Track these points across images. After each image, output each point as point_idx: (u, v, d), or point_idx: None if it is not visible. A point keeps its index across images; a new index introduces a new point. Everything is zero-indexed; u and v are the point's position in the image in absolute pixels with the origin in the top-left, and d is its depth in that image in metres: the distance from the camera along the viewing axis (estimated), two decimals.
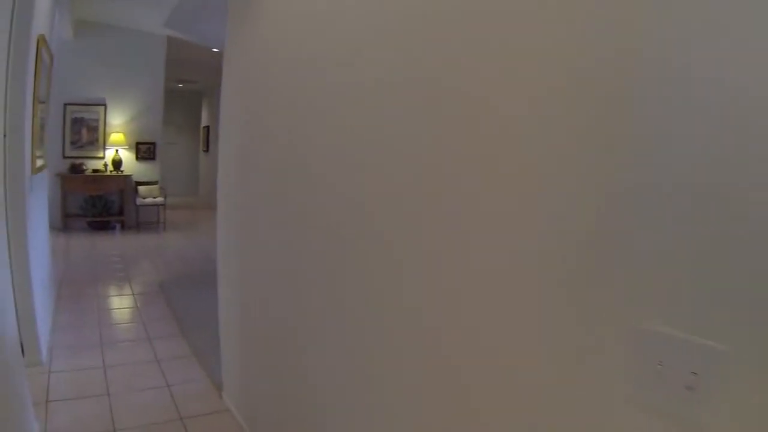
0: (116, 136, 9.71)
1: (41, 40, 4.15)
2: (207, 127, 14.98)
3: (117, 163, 9.71)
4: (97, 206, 9.54)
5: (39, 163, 4.46)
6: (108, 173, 9.63)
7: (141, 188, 9.87)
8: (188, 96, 15.96)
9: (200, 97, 15.85)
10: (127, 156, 9.98)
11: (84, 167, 9.47)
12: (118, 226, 9.96)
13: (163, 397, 3.52)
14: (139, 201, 9.72)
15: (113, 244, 8.73)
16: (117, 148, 9.77)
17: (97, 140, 9.72)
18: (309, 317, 2.23)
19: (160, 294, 5.80)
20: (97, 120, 9.66)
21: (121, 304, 5.52)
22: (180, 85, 14.75)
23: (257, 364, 2.90)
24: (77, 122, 9.53)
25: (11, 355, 2.45)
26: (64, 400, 3.40)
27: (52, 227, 9.35)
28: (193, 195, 15.87)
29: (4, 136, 3.50)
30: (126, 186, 9.78)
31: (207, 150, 14.92)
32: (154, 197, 9.88)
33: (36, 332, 3.86)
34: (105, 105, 9.72)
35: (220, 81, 3.76)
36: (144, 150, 10.19)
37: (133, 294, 5.81)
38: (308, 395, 2.28)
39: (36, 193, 4.34)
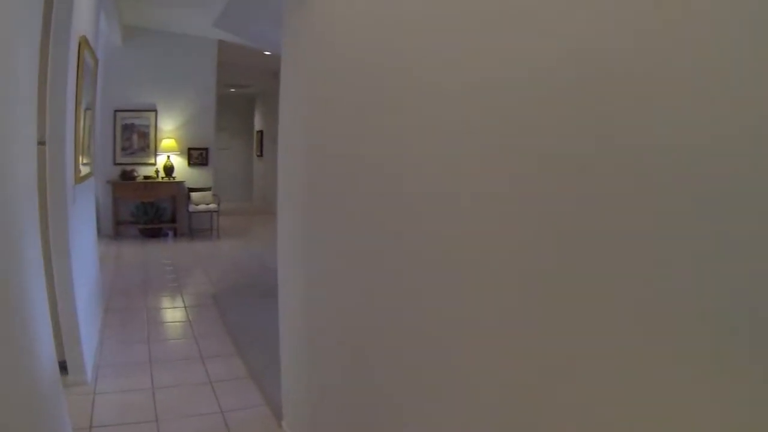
0: (168, 142, 9.63)
1: (83, 42, 3.94)
2: (261, 132, 14.85)
3: (169, 170, 9.62)
4: (149, 213, 9.46)
5: (85, 171, 4.26)
6: (160, 180, 9.56)
7: (194, 194, 9.76)
8: (241, 100, 15.98)
9: (253, 101, 15.78)
10: (179, 162, 9.90)
11: (135, 174, 9.42)
12: (170, 233, 9.88)
13: (217, 424, 3.25)
14: (191, 208, 9.60)
15: (165, 251, 8.62)
16: (168, 154, 9.68)
17: (148, 146, 9.66)
18: (393, 338, 1.90)
19: (213, 306, 5.57)
20: (147, 126, 9.60)
21: (172, 317, 5.31)
22: (232, 90, 14.70)
23: (325, 389, 2.58)
24: (128, 128, 9.49)
25: (46, 377, 2.20)
26: (109, 426, 3.16)
27: (104, 235, 9.42)
28: (246, 200, 15.82)
29: (41, 144, 3.29)
30: (178, 192, 9.68)
31: (261, 155, 14.80)
32: (207, 204, 9.73)
33: (80, 350, 3.65)
34: (156, 111, 9.66)
35: (273, 85, 3.56)
36: (196, 156, 10.08)
37: (185, 306, 5.60)
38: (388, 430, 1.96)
39: (81, 203, 4.14)
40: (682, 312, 0.87)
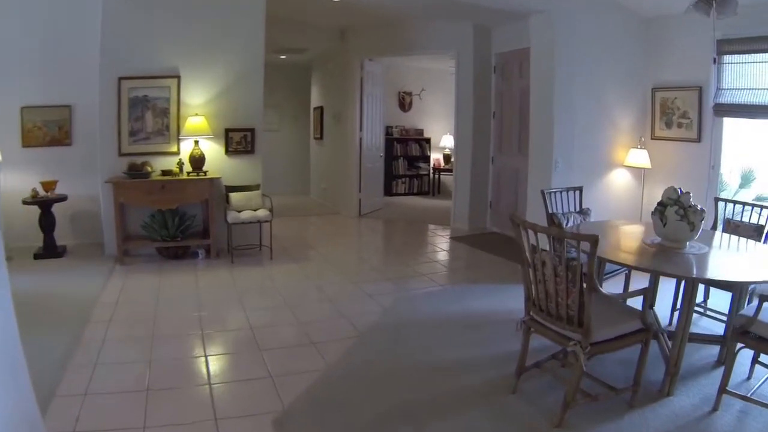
0: (195, 121, 6.98)
1: None
2: (320, 108, 12.16)
3: (197, 161, 6.97)
4: (169, 226, 6.83)
5: None
6: (185, 176, 6.92)
7: (234, 196, 7.13)
8: (293, 70, 13.46)
9: (309, 70, 13.25)
10: (212, 150, 7.29)
11: (149, 168, 6.78)
12: (201, 253, 7.22)
13: None
14: (231, 216, 6.91)
15: (193, 287, 5.93)
16: (197, 139, 7.04)
17: (167, 128, 7.04)
18: None
19: None
20: (167, 99, 6.97)
21: None
22: (282, 57, 12.18)
23: None
24: (138, 103, 6.88)
25: None
26: None
27: (107, 256, 6.92)
28: (302, 194, 13.30)
29: None
30: (212, 194, 7.00)
31: (320, 137, 12.20)
32: (254, 209, 7.05)
33: None
34: (178, 77, 7.03)
35: (338, 47, 1.47)
36: (237, 140, 7.42)
37: None
38: None
39: None
40: None
